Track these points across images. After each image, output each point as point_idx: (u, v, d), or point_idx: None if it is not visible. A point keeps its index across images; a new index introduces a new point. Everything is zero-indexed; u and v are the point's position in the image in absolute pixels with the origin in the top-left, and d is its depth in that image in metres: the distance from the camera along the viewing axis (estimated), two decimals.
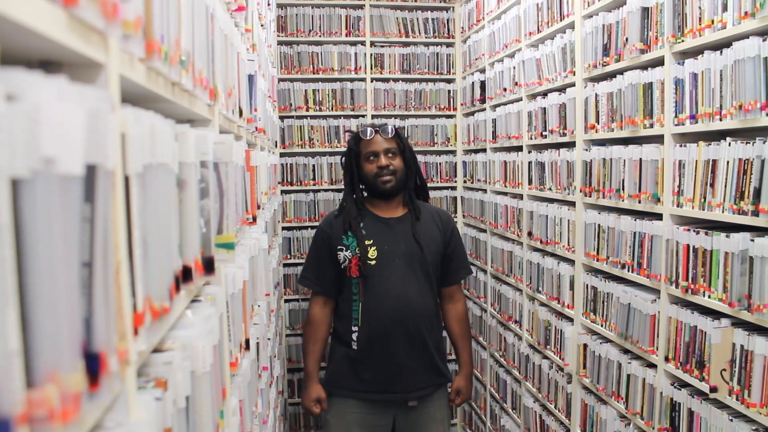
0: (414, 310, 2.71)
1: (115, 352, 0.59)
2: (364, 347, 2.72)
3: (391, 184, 2.76)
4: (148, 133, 0.72)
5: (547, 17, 3.36)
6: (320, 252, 2.83)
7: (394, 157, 2.78)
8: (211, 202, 1.11)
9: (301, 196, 5.01)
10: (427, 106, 5.10)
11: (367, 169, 2.78)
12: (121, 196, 0.64)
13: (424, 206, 2.89)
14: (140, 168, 0.69)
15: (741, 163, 1.97)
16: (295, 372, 4.99)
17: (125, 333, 0.64)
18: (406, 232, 2.78)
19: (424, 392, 2.78)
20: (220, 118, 1.45)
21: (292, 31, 4.93)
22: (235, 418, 1.49)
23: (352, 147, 2.84)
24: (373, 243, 2.74)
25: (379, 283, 2.71)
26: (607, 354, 2.81)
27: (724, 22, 2.03)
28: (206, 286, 1.29)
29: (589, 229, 2.96)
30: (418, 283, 2.75)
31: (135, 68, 0.74)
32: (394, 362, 2.71)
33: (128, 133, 0.66)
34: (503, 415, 4.19)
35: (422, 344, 2.75)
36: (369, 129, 2.78)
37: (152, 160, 0.74)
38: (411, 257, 2.74)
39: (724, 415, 2.06)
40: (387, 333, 2.69)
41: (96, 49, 0.60)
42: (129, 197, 0.67)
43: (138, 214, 0.69)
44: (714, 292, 2.11)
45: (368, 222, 2.78)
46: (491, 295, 4.42)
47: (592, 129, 2.91)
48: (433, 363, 2.79)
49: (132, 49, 0.70)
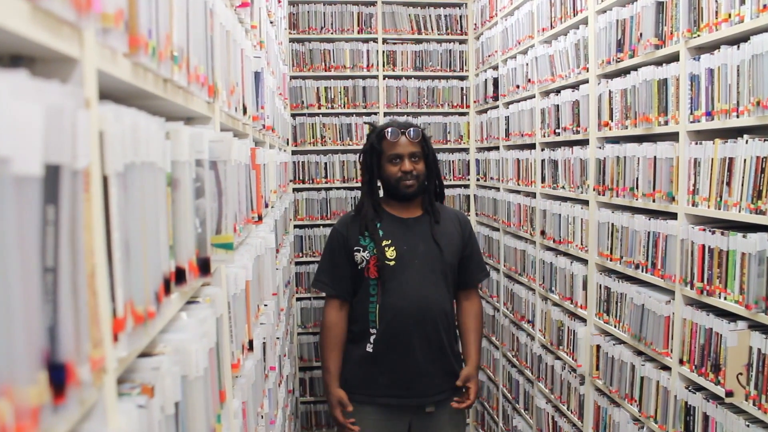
0: (432, 312, 2.64)
1: (88, 360, 0.56)
2: (382, 350, 2.65)
3: (413, 190, 2.68)
4: (130, 131, 0.69)
5: (560, 13, 3.31)
6: (335, 254, 2.76)
7: (418, 162, 2.69)
8: (207, 202, 1.08)
9: (313, 194, 4.99)
10: (439, 104, 5.06)
11: (390, 171, 2.69)
12: (97, 196, 0.62)
13: (443, 208, 2.82)
14: (120, 167, 0.67)
15: (759, 161, 1.92)
16: (307, 370, 4.98)
17: (101, 340, 0.61)
18: (424, 233, 2.71)
19: (441, 397, 2.70)
20: (222, 116, 1.43)
21: (304, 28, 4.91)
22: (237, 421, 1.46)
23: (375, 145, 2.72)
24: (391, 243, 2.67)
25: (398, 284, 2.63)
26: (621, 355, 2.76)
27: (741, 15, 1.98)
28: (205, 287, 1.27)
29: (602, 228, 2.91)
30: (436, 284, 2.68)
31: (118, 64, 0.72)
32: (412, 365, 2.64)
33: (107, 131, 0.63)
34: (515, 416, 4.15)
35: (440, 347, 2.68)
36: (395, 129, 2.67)
37: (135, 159, 0.71)
38: (430, 258, 2.68)
39: (741, 420, 2.01)
40: (405, 335, 2.62)
41: (68, 44, 0.57)
42: (108, 198, 0.64)
43: (118, 215, 0.66)
44: (730, 294, 2.06)
45: (386, 222, 2.71)
46: (504, 295, 4.37)
47: (605, 126, 2.86)
48: (450, 367, 2.72)
49: (113, 43, 0.68)
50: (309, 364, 4.97)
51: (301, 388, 4.97)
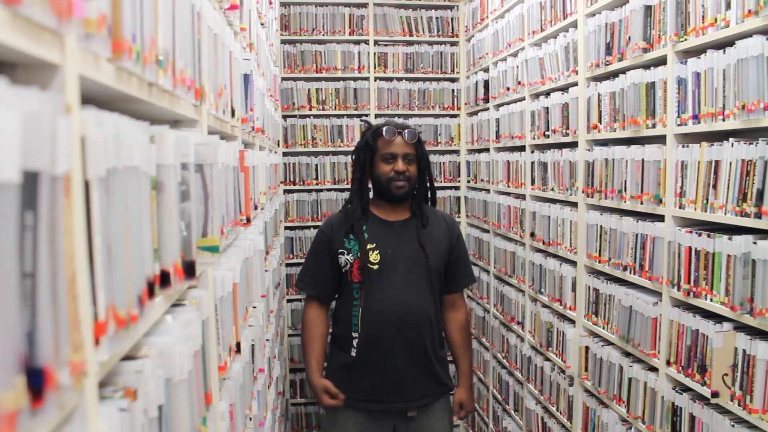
0: (415, 317, 2.63)
1: (68, 364, 0.57)
2: (364, 354, 2.64)
3: (404, 191, 2.67)
4: (112, 135, 0.69)
5: (550, 16, 3.33)
6: (319, 255, 2.76)
7: (411, 164, 2.69)
8: (193, 205, 1.08)
9: (304, 195, 4.99)
10: (430, 106, 5.07)
11: (382, 170, 2.68)
12: (79, 202, 0.62)
13: (432, 211, 2.81)
14: (102, 172, 0.67)
15: (744, 164, 1.93)
16: (297, 372, 4.98)
17: (82, 344, 0.61)
18: (410, 237, 2.69)
19: (424, 402, 2.69)
20: (209, 119, 1.43)
21: (296, 29, 4.91)
22: (224, 423, 1.46)
23: (370, 142, 2.72)
24: (375, 247, 2.65)
25: (381, 288, 2.62)
26: (609, 357, 2.78)
27: (727, 20, 1.99)
28: (192, 290, 1.27)
29: (591, 230, 2.93)
30: (420, 289, 2.66)
31: (101, 69, 0.72)
32: (394, 370, 2.63)
33: (88, 136, 0.64)
34: (505, 417, 4.16)
35: (423, 352, 2.67)
36: (391, 128, 2.67)
37: (118, 164, 0.71)
38: (414, 262, 2.66)
39: (726, 420, 2.02)
40: (388, 340, 2.61)
41: (49, 50, 0.57)
42: (89, 203, 0.64)
43: (99, 220, 0.66)
44: (716, 296, 2.08)
45: (372, 225, 2.70)
46: (494, 296, 4.39)
47: (594, 129, 2.87)
48: (433, 372, 2.71)
49: (95, 48, 0.68)
50: (299, 365, 4.96)
51: (291, 390, 4.96)
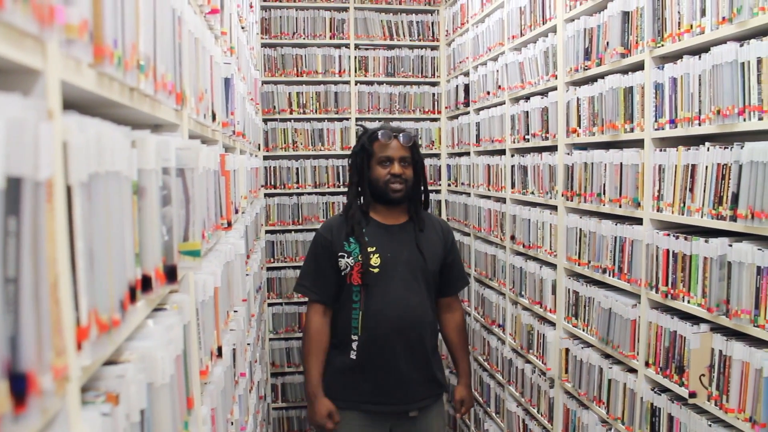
0: (416, 319, 2.66)
1: (50, 369, 0.57)
2: (364, 356, 2.64)
3: (400, 194, 2.69)
4: (94, 140, 0.69)
5: (529, 21, 3.36)
6: (319, 259, 2.75)
7: (407, 167, 2.71)
8: (174, 209, 1.08)
9: (285, 199, 4.98)
10: (411, 110, 5.09)
11: (378, 173, 2.69)
12: (61, 207, 0.62)
13: (427, 216, 2.84)
14: (85, 177, 0.67)
15: (719, 168, 1.96)
16: (279, 376, 4.97)
17: (64, 349, 0.61)
18: (409, 240, 2.72)
19: (423, 404, 2.72)
20: (190, 123, 1.43)
21: (276, 33, 4.91)
22: (205, 427, 1.46)
23: (366, 146, 2.73)
24: (376, 250, 2.66)
25: (382, 291, 2.64)
26: (589, 359, 2.80)
27: (702, 27, 2.03)
28: (173, 294, 1.27)
29: (570, 233, 2.95)
30: (419, 292, 2.69)
31: (83, 74, 0.72)
32: (394, 372, 2.64)
33: (70, 142, 0.64)
34: (487, 419, 4.18)
35: (423, 354, 2.69)
36: (387, 132, 2.69)
37: (99, 169, 0.71)
38: (413, 265, 2.69)
39: (703, 420, 2.05)
40: (388, 342, 2.62)
41: (31, 56, 0.57)
42: (71, 208, 0.64)
43: (82, 225, 0.66)
44: (693, 297, 2.11)
45: (371, 228, 2.71)
46: (475, 299, 4.41)
47: (573, 133, 2.90)
48: (432, 373, 2.74)
49: (77, 54, 0.68)
50: (281, 369, 4.95)
51: (273, 394, 4.95)
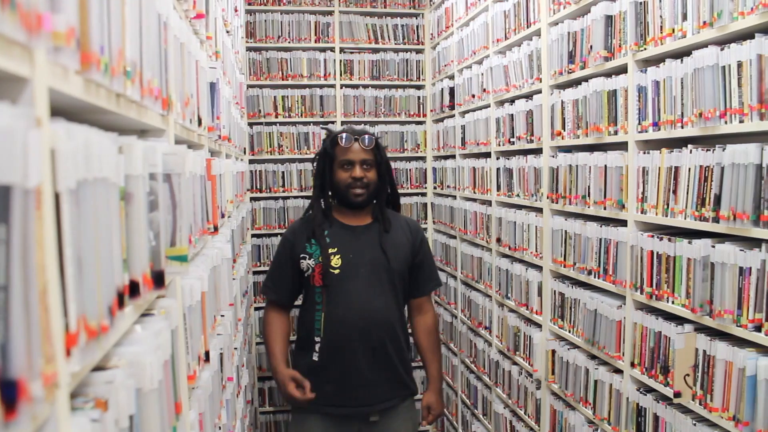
0: (377, 321, 2.64)
1: (40, 376, 0.57)
2: (326, 358, 2.64)
3: (362, 198, 2.67)
4: (82, 147, 0.69)
5: (514, 24, 3.38)
6: (282, 260, 2.75)
7: (369, 169, 2.68)
8: (161, 215, 1.08)
9: (271, 203, 4.98)
10: (396, 113, 5.11)
11: (340, 177, 2.68)
12: (49, 214, 0.62)
13: (394, 216, 2.81)
14: (73, 184, 0.67)
15: (702, 170, 1.99)
16: (266, 380, 4.96)
17: (54, 355, 0.61)
18: (372, 241, 2.70)
19: (386, 405, 2.69)
20: (176, 128, 1.43)
21: (261, 37, 4.91)
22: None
23: (328, 150, 2.72)
24: (337, 251, 2.65)
25: (343, 292, 2.62)
26: (575, 360, 2.82)
27: (684, 31, 2.05)
28: (160, 299, 1.27)
29: (556, 235, 2.97)
30: (383, 293, 2.67)
31: (70, 81, 0.72)
32: (356, 374, 2.63)
33: (58, 149, 0.64)
34: (474, 421, 4.19)
35: (385, 356, 2.67)
36: (348, 135, 2.66)
37: (87, 175, 0.71)
38: (376, 267, 2.67)
39: (688, 419, 2.07)
40: (349, 344, 2.61)
41: (18, 63, 0.57)
42: (60, 215, 0.65)
43: (70, 232, 0.66)
44: (677, 298, 2.13)
45: (333, 230, 2.70)
46: (461, 301, 4.42)
47: (558, 136, 2.92)
48: (397, 375, 2.72)
49: (64, 61, 0.68)
50: (268, 374, 4.94)
51: (260, 399, 4.94)
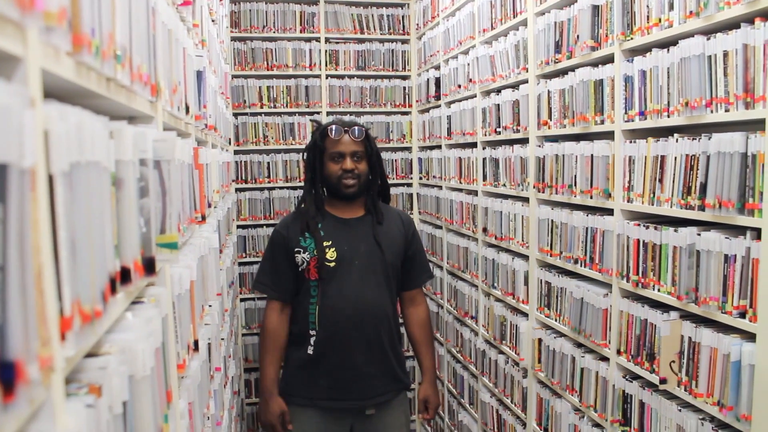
0: (373, 314, 2.64)
1: (37, 359, 0.56)
2: (321, 352, 2.63)
3: (353, 189, 2.67)
4: (75, 130, 0.68)
5: (500, 14, 3.38)
6: (276, 255, 2.72)
7: (360, 161, 2.68)
8: (151, 201, 1.08)
9: (256, 193, 4.96)
10: (382, 103, 5.10)
11: (331, 169, 2.67)
12: (44, 195, 0.61)
13: (386, 208, 2.81)
14: (66, 166, 0.66)
15: (688, 159, 2.00)
16: (252, 371, 4.95)
17: (49, 339, 0.61)
18: (366, 234, 2.70)
19: (382, 399, 2.70)
20: (164, 115, 1.42)
21: (246, 26, 4.88)
22: (183, 421, 1.45)
23: (318, 142, 2.71)
24: (331, 244, 2.64)
25: (338, 285, 2.62)
26: (561, 348, 2.84)
27: (670, 20, 2.06)
28: (150, 287, 1.26)
29: (542, 224, 2.99)
30: (377, 285, 2.67)
31: (61, 62, 0.71)
32: (351, 367, 2.63)
33: (52, 130, 0.63)
34: (461, 411, 4.21)
35: (381, 349, 2.68)
36: (338, 127, 2.66)
37: (81, 158, 0.71)
38: (371, 259, 2.67)
39: (673, 405, 2.10)
40: (345, 337, 2.61)
41: (12, 42, 0.57)
42: (53, 197, 0.64)
43: (64, 214, 0.66)
44: (663, 286, 2.15)
45: (327, 223, 2.69)
46: (447, 291, 4.43)
47: (544, 125, 2.93)
48: (391, 369, 2.72)
49: (56, 42, 0.67)
50: (254, 365, 4.93)
51: (246, 390, 4.93)
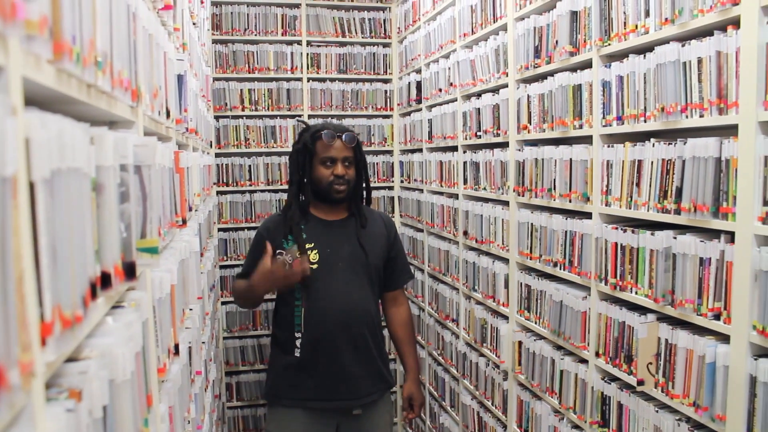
0: (358, 315, 2.66)
1: (17, 364, 0.57)
2: (308, 354, 2.64)
3: (343, 195, 2.70)
4: (56, 137, 0.69)
5: (480, 19, 3.40)
6: (258, 257, 2.75)
7: (350, 167, 2.72)
8: (132, 206, 1.08)
9: (237, 196, 4.95)
10: (364, 106, 5.11)
11: (321, 174, 2.69)
12: (24, 203, 0.62)
13: (369, 211, 2.84)
14: (47, 174, 0.67)
15: (664, 163, 2.03)
16: (233, 375, 4.93)
17: (30, 344, 0.61)
18: (349, 236, 2.72)
19: (368, 399, 2.73)
20: (145, 120, 1.42)
21: (227, 29, 4.87)
22: (164, 425, 1.46)
23: (308, 145, 2.72)
24: (314, 247, 2.66)
25: (322, 287, 2.64)
26: (541, 350, 2.86)
27: (646, 27, 2.09)
28: (130, 292, 1.26)
29: (522, 228, 3.01)
30: (361, 287, 2.70)
31: (42, 70, 0.72)
32: (338, 369, 2.65)
33: (33, 138, 0.64)
34: (442, 413, 4.22)
35: (366, 349, 2.70)
36: (331, 132, 2.68)
37: (61, 165, 0.71)
38: (354, 261, 2.69)
39: (651, 407, 2.13)
40: (331, 338, 2.63)
41: None
42: (34, 204, 0.64)
43: (45, 221, 0.66)
44: (640, 289, 2.18)
45: (310, 225, 2.71)
46: (429, 294, 4.45)
47: (524, 129, 2.96)
48: (377, 369, 2.75)
49: (37, 50, 0.68)
50: (235, 368, 4.92)
51: (227, 393, 4.91)
